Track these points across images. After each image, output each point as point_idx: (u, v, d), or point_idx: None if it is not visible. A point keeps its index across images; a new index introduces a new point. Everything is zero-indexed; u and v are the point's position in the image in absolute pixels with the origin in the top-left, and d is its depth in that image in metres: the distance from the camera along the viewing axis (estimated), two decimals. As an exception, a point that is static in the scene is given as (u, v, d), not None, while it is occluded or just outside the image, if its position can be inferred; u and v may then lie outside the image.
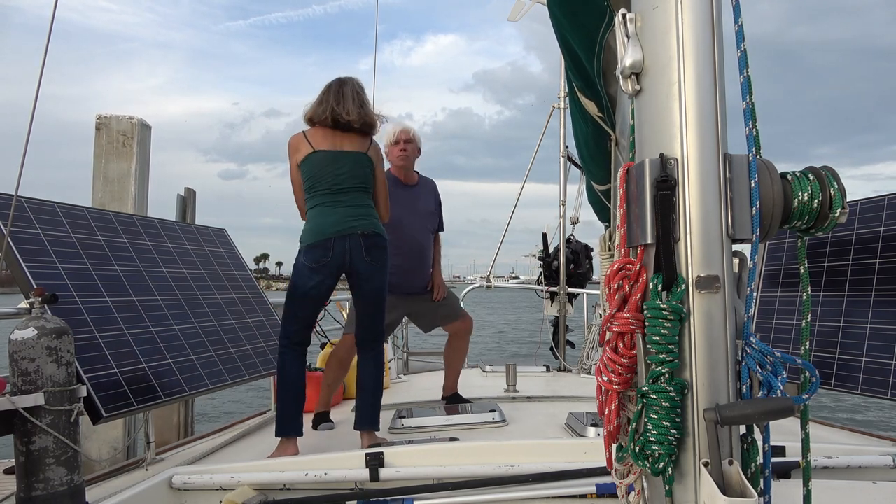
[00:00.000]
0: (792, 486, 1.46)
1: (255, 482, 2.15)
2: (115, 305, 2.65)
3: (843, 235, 2.70)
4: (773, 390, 0.94)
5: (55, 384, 1.85)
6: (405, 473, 2.14)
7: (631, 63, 1.02)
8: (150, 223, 3.30)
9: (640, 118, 1.04)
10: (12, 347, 1.83)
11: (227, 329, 3.27)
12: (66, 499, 1.85)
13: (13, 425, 1.82)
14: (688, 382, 0.95)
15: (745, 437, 0.98)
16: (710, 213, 0.96)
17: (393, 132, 3.56)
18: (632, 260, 1.02)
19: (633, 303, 1.00)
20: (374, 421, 2.83)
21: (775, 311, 2.91)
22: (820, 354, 2.60)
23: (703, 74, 0.97)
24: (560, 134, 6.54)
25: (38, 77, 1.92)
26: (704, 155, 0.96)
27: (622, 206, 1.03)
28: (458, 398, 3.74)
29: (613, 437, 1.08)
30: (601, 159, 2.50)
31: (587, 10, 1.86)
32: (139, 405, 2.45)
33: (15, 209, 2.29)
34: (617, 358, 1.02)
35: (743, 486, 0.90)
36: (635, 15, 1.05)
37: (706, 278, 0.95)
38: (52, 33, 1.89)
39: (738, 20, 0.99)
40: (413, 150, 3.55)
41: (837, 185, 1.02)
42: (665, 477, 0.97)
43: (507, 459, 2.16)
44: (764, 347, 0.95)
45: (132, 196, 5.85)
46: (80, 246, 2.69)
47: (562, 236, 6.56)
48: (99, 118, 5.94)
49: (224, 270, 3.62)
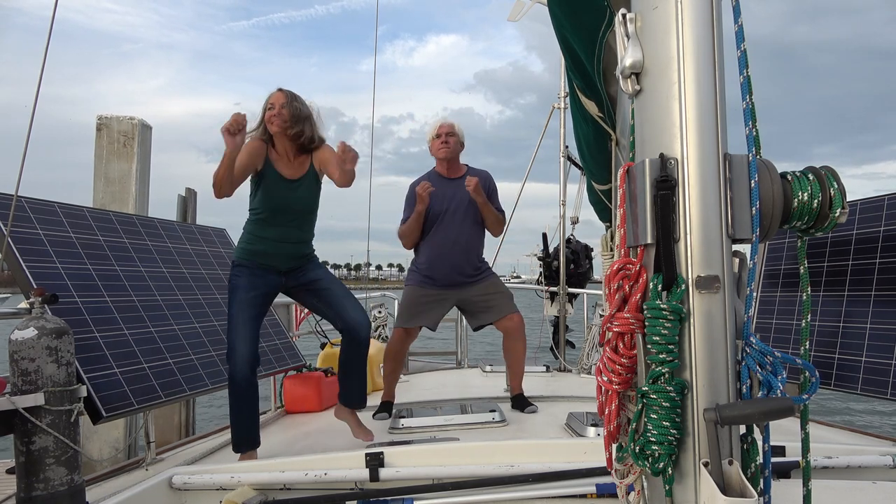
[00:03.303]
0: (792, 486, 1.46)
1: (255, 482, 2.15)
2: (115, 305, 2.65)
3: (843, 235, 2.70)
4: (773, 390, 0.94)
5: (55, 384, 1.85)
6: (405, 473, 2.14)
7: (631, 63, 1.02)
8: (150, 223, 3.30)
9: (640, 118, 1.04)
10: (12, 347, 1.83)
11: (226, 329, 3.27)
12: (66, 499, 1.85)
13: (13, 425, 1.82)
14: (688, 382, 0.95)
15: (745, 437, 0.98)
16: (710, 213, 0.96)
17: (434, 125, 3.60)
18: (632, 260, 1.02)
19: (633, 303, 1.00)
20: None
21: (775, 311, 2.91)
22: (820, 354, 2.60)
23: (703, 74, 0.97)
24: (560, 134, 6.54)
25: (39, 77, 1.93)
26: (704, 155, 0.96)
27: (622, 206, 1.03)
28: (522, 400, 3.58)
29: (613, 437, 1.08)
30: (601, 159, 2.50)
31: (587, 9, 1.86)
32: (139, 405, 2.45)
33: (15, 209, 2.29)
34: (617, 358, 1.02)
35: (743, 486, 0.90)
36: (635, 15, 1.05)
37: (706, 278, 0.95)
38: (53, 34, 1.89)
39: (738, 20, 0.99)
40: (455, 143, 3.56)
41: (837, 185, 1.02)
42: (665, 477, 0.97)
43: (507, 459, 2.16)
44: (764, 347, 0.95)
45: (133, 196, 5.86)
46: (80, 246, 2.69)
47: (562, 236, 6.55)
48: (100, 119, 5.95)
49: (224, 270, 3.62)
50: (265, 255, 2.78)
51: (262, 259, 2.78)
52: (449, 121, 3.62)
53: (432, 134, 3.59)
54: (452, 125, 3.58)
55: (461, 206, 3.52)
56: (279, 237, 2.79)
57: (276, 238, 2.78)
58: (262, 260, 2.78)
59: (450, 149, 3.54)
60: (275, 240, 2.78)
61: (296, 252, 2.85)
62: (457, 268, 3.54)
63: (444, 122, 3.59)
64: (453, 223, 3.52)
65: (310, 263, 2.92)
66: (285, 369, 3.68)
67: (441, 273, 3.53)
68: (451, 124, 3.58)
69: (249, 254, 2.78)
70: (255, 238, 2.79)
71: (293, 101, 2.78)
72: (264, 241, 2.78)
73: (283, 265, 2.82)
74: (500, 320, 3.58)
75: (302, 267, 2.88)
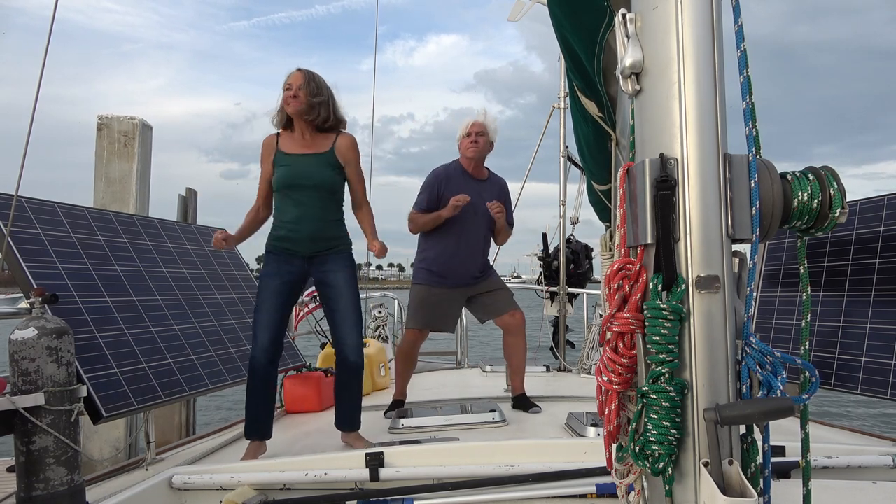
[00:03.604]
0: (792, 485, 1.46)
1: (255, 482, 2.15)
2: (115, 305, 2.65)
3: (843, 235, 2.70)
4: (772, 390, 0.94)
5: (55, 384, 1.85)
6: (405, 473, 2.14)
7: (631, 63, 1.02)
8: (150, 223, 3.30)
9: (640, 118, 1.04)
10: (12, 347, 1.83)
11: (227, 329, 3.27)
12: (66, 499, 1.85)
13: (13, 425, 1.82)
14: (688, 382, 0.95)
15: (745, 437, 0.98)
16: (710, 213, 0.96)
17: (467, 123, 3.50)
18: (632, 260, 1.02)
19: (633, 303, 1.00)
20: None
21: (775, 311, 2.91)
22: (820, 354, 2.60)
23: (703, 74, 0.97)
24: (560, 134, 6.54)
25: (39, 77, 1.93)
26: (704, 155, 0.96)
27: (622, 206, 1.03)
28: (524, 400, 3.54)
29: (613, 437, 1.08)
30: (601, 159, 2.51)
31: (587, 9, 1.86)
32: (139, 405, 2.45)
33: (15, 209, 2.29)
34: (617, 358, 1.02)
35: (743, 486, 0.90)
36: (635, 15, 1.05)
37: (706, 278, 0.95)
38: (53, 34, 1.90)
39: (738, 20, 0.99)
40: (485, 143, 3.49)
41: (837, 185, 1.02)
42: (665, 477, 0.97)
43: (507, 459, 2.16)
44: (764, 347, 0.95)
45: (133, 196, 5.85)
46: (80, 246, 2.69)
47: (562, 236, 6.55)
48: (100, 119, 5.95)
49: (224, 270, 3.62)
50: (288, 240, 2.81)
51: (286, 244, 2.81)
52: (482, 119, 3.51)
53: (463, 131, 3.50)
54: (485, 125, 3.48)
55: (480, 209, 3.48)
56: (297, 217, 2.79)
57: (294, 219, 2.79)
58: (286, 245, 2.81)
59: (479, 148, 3.47)
60: (294, 220, 2.79)
61: (317, 232, 2.81)
62: (469, 270, 3.54)
63: (476, 121, 3.49)
64: (473, 226, 3.49)
65: (338, 255, 2.87)
66: (285, 369, 3.68)
67: (453, 273, 3.51)
68: (483, 124, 3.48)
69: (275, 240, 2.84)
70: (277, 224, 2.85)
71: (311, 81, 2.78)
72: (285, 226, 2.81)
73: (306, 249, 2.81)
74: (502, 316, 3.59)
75: (327, 255, 2.85)
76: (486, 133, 3.48)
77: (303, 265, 2.83)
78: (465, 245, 3.49)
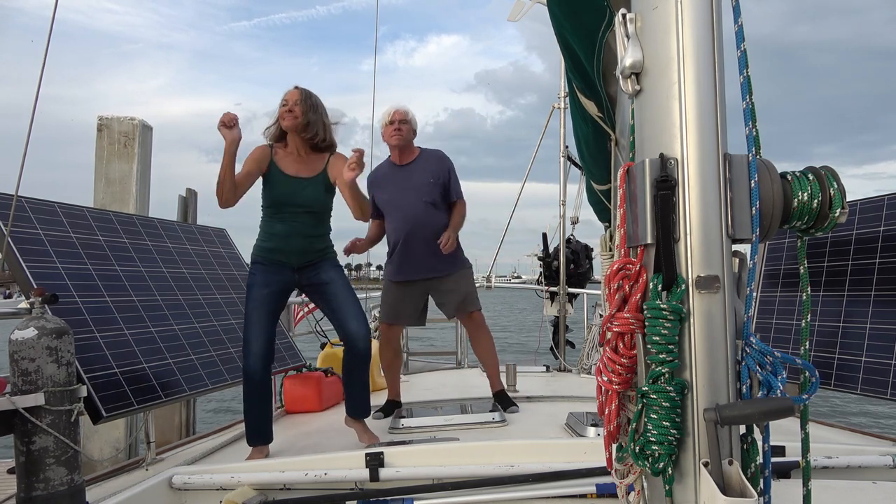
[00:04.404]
0: (792, 485, 1.46)
1: (255, 482, 2.15)
2: (115, 305, 2.65)
3: (843, 235, 2.70)
4: (772, 390, 0.94)
5: (55, 384, 1.85)
6: (405, 473, 2.14)
7: (631, 63, 1.02)
8: (150, 223, 3.30)
9: (640, 118, 1.04)
10: (12, 347, 1.83)
11: (227, 329, 3.27)
12: (66, 499, 1.85)
13: (13, 425, 1.82)
14: (688, 382, 0.95)
15: (745, 437, 0.98)
16: (710, 213, 0.96)
17: (388, 111, 3.51)
18: (632, 260, 1.02)
19: (633, 303, 1.00)
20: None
21: (775, 311, 2.91)
22: (820, 354, 2.60)
23: (703, 74, 0.97)
24: (560, 134, 6.55)
25: (39, 78, 1.93)
26: (704, 155, 0.96)
27: (622, 206, 1.03)
28: (504, 398, 3.53)
29: (613, 437, 1.08)
30: (601, 159, 2.51)
31: (587, 9, 1.86)
32: (139, 405, 2.45)
33: (15, 209, 2.29)
34: (617, 358, 1.02)
35: (743, 486, 0.90)
36: (635, 15, 1.05)
37: (706, 278, 0.95)
38: (53, 35, 1.90)
39: (738, 20, 0.99)
40: (408, 130, 3.51)
41: (837, 185, 1.02)
42: (665, 477, 0.97)
43: (507, 459, 2.16)
44: (764, 347, 0.95)
45: (133, 197, 5.86)
46: (80, 246, 2.69)
47: (562, 236, 6.56)
48: (100, 119, 5.95)
49: (224, 270, 3.62)
50: (277, 252, 2.81)
51: (275, 255, 2.82)
52: (402, 107, 3.53)
53: (385, 120, 3.50)
54: (406, 112, 3.50)
55: (411, 190, 3.47)
56: (288, 232, 2.81)
57: (285, 233, 2.80)
58: (275, 256, 2.82)
59: (402, 136, 3.48)
60: (284, 235, 2.81)
61: (307, 247, 2.85)
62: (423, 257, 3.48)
63: (397, 109, 3.50)
64: (405, 207, 3.47)
65: (325, 262, 2.91)
66: (285, 369, 3.68)
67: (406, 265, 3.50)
68: (404, 111, 3.50)
69: (262, 251, 2.84)
70: (266, 235, 2.85)
71: (307, 99, 2.82)
72: (274, 238, 2.82)
73: (296, 261, 2.83)
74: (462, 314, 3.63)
75: (316, 264, 2.88)
76: (408, 120, 3.50)
77: (291, 275, 2.84)
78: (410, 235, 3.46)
